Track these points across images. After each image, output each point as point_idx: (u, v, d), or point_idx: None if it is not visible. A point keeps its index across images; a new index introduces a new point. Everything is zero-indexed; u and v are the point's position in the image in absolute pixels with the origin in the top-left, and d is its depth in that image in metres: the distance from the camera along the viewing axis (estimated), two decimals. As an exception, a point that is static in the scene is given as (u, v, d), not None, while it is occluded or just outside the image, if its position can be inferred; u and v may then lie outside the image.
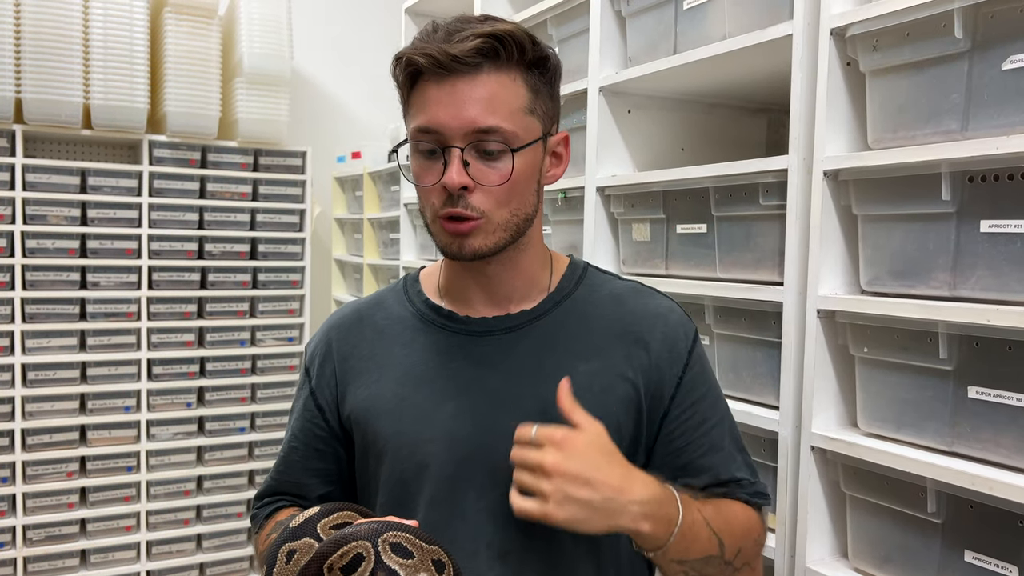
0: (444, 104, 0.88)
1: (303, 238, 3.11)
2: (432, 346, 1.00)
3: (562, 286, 1.02)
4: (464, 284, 1.01)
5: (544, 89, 0.94)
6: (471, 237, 0.91)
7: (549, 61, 0.95)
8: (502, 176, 0.90)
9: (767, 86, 1.63)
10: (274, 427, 3.08)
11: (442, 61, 0.87)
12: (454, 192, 0.89)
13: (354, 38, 3.52)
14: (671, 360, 0.98)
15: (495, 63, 0.89)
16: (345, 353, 1.04)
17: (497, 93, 0.89)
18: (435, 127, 0.89)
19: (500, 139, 0.89)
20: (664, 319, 1.00)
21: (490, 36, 0.88)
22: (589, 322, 1.00)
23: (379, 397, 0.98)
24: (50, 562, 2.72)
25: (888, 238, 1.20)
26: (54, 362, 2.70)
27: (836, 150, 1.25)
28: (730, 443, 1.00)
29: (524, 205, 0.94)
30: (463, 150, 0.89)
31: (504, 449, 0.91)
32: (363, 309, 1.08)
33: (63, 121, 2.65)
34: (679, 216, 1.59)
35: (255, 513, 1.07)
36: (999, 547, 1.05)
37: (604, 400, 0.94)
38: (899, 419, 1.19)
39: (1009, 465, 1.05)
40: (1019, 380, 1.03)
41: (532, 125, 0.93)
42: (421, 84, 0.91)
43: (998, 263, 1.05)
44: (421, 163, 0.92)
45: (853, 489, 1.25)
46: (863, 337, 1.23)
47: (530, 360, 0.97)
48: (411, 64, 0.90)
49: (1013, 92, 1.03)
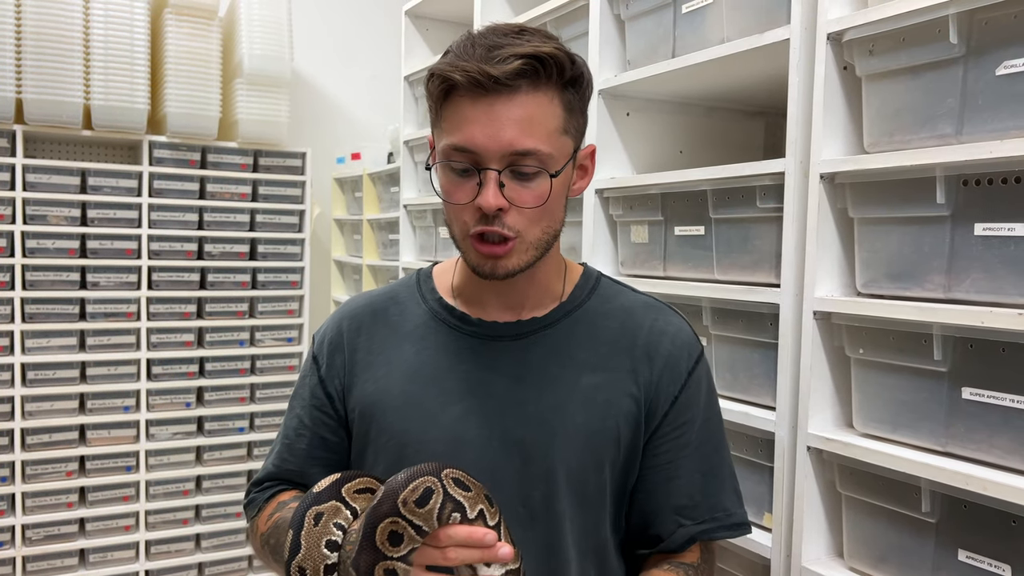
0: (481, 124, 0.87)
1: (302, 239, 3.12)
2: (443, 346, 1.00)
3: (575, 295, 1.03)
4: (479, 288, 1.01)
5: (578, 106, 0.94)
6: (505, 258, 0.91)
7: (583, 77, 0.93)
8: (538, 198, 0.89)
9: (765, 90, 1.65)
10: (273, 427, 3.08)
11: (481, 81, 0.85)
12: (490, 214, 0.88)
13: (354, 40, 3.53)
14: (671, 378, 0.98)
15: (533, 83, 0.87)
16: (355, 345, 1.04)
17: (534, 114, 0.87)
18: (471, 147, 0.87)
19: (536, 161, 0.88)
20: (672, 337, 1.00)
21: (531, 57, 0.86)
22: (598, 333, 1.00)
23: (387, 392, 0.99)
24: (49, 561, 2.73)
25: (884, 241, 1.21)
26: (54, 362, 2.71)
27: (833, 153, 1.26)
28: (718, 467, 1.00)
29: (554, 223, 0.95)
30: (500, 172, 0.88)
31: (505, 452, 0.92)
32: (376, 302, 1.08)
33: (63, 122, 2.66)
34: (677, 218, 1.60)
35: (253, 497, 1.06)
36: (992, 546, 1.06)
37: (607, 412, 0.95)
38: (894, 420, 1.20)
39: (1003, 465, 1.06)
40: (1012, 382, 1.05)
41: (566, 145, 0.92)
42: (455, 99, 0.88)
43: (992, 266, 1.06)
44: (452, 179, 0.91)
45: (849, 489, 1.26)
46: (859, 339, 1.24)
47: (537, 367, 0.97)
48: (447, 80, 0.88)
49: (1007, 97, 1.04)
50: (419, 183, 2.71)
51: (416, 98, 2.73)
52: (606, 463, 0.96)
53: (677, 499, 0.97)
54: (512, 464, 0.94)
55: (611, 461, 0.96)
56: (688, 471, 0.98)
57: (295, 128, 3.12)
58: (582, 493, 0.94)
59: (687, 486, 0.98)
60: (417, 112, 2.73)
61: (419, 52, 2.74)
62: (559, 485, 0.94)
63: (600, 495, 0.96)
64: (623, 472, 0.98)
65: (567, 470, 0.94)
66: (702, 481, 0.98)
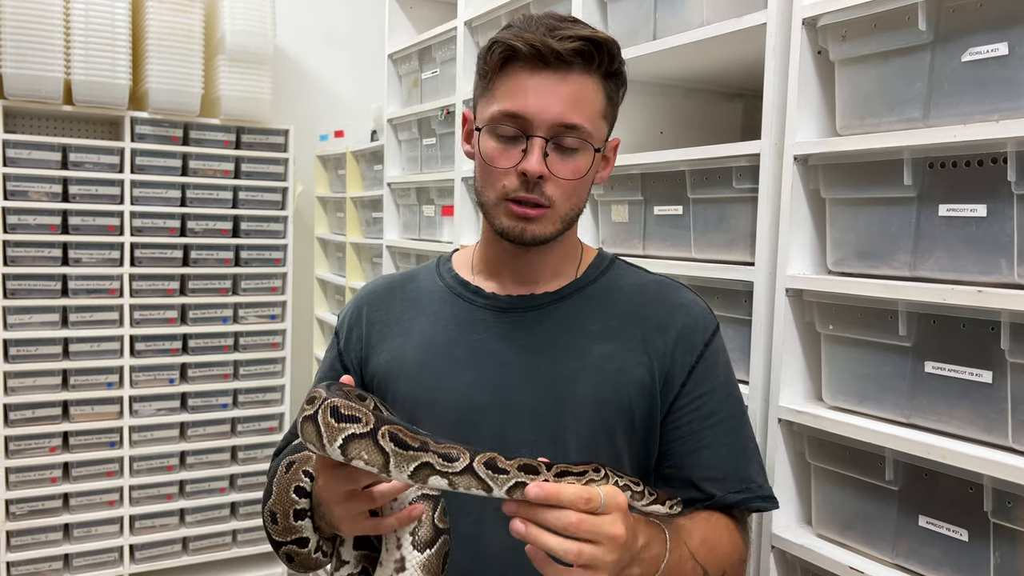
0: (534, 93, 0.93)
1: (285, 216, 3.13)
2: (456, 317, 1.05)
3: (588, 274, 1.08)
4: (497, 263, 1.06)
5: (616, 99, 1.01)
6: (535, 223, 0.97)
7: (624, 75, 1.01)
8: (576, 171, 0.96)
9: (743, 73, 1.68)
10: (256, 403, 3.11)
11: (543, 52, 0.92)
12: (532, 178, 0.94)
13: (337, 17, 3.51)
14: (686, 349, 1.01)
15: (585, 66, 0.95)
16: (373, 319, 1.09)
17: (582, 94, 0.95)
18: (523, 113, 0.94)
19: (579, 137, 0.95)
20: (687, 310, 1.04)
21: (590, 40, 0.94)
22: (609, 308, 1.04)
23: (401, 360, 1.04)
24: (33, 536, 2.75)
25: (854, 221, 1.25)
26: (36, 338, 2.72)
27: (806, 136, 1.30)
28: (742, 441, 1.02)
29: (581, 201, 1.01)
30: (548, 141, 0.94)
31: (515, 419, 0.96)
32: (395, 280, 1.15)
33: (44, 96, 2.65)
34: (656, 198, 1.64)
35: (275, 465, 1.10)
36: (951, 512, 1.11)
37: (617, 380, 0.98)
38: (861, 393, 1.25)
39: (961, 435, 1.11)
40: (972, 355, 1.10)
41: (603, 129, 0.99)
42: (512, 69, 0.95)
43: (955, 245, 1.11)
44: (497, 146, 0.96)
45: (817, 459, 1.31)
46: (829, 315, 1.29)
47: (549, 338, 1.01)
48: (510, 49, 0.94)
49: (971, 83, 1.08)
50: (403, 161, 2.72)
51: (400, 76, 2.73)
52: (617, 432, 0.98)
53: (704, 471, 0.99)
54: (522, 431, 0.96)
55: (624, 431, 0.99)
56: (713, 443, 1.00)
57: (278, 105, 3.12)
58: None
59: (714, 457, 0.99)
60: (401, 90, 2.74)
61: (403, 30, 2.74)
62: (569, 453, 0.96)
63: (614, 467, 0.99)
64: (642, 446, 1.00)
65: (577, 438, 0.97)
66: (728, 453, 1.00)
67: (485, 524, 0.97)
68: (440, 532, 0.90)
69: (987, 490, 1.04)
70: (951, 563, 1.11)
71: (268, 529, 0.99)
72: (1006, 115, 1.03)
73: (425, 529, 0.89)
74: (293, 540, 0.97)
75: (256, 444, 3.11)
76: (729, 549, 0.97)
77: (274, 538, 0.99)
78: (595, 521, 0.72)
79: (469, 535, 0.97)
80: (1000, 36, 1.05)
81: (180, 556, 3.02)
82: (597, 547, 0.72)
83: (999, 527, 1.05)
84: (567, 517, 0.71)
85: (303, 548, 0.98)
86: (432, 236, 2.53)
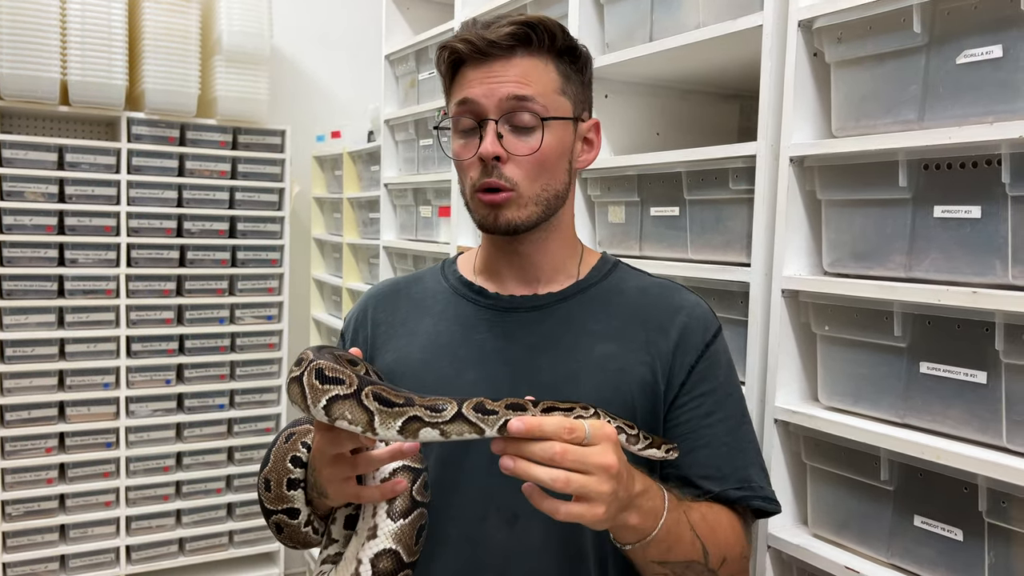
0: (480, 80, 0.97)
1: (282, 217, 3.12)
2: (460, 317, 1.06)
3: (591, 275, 1.09)
4: (497, 263, 1.08)
5: (575, 76, 1.02)
6: (505, 208, 0.98)
7: (579, 51, 1.03)
8: (532, 148, 0.97)
9: (739, 74, 1.68)
10: (253, 404, 3.11)
11: (480, 46, 0.96)
12: (488, 161, 0.96)
13: (334, 17, 3.51)
14: (687, 349, 1.02)
15: (528, 48, 0.97)
16: (379, 320, 1.11)
17: (530, 73, 0.97)
18: (471, 98, 0.97)
19: (530, 111, 0.96)
20: (689, 311, 1.05)
21: (523, 24, 0.96)
22: (612, 309, 1.05)
23: (406, 360, 1.05)
24: (29, 537, 2.74)
25: (849, 222, 1.26)
26: (32, 338, 2.71)
27: (802, 137, 1.31)
28: (742, 442, 1.02)
29: (554, 182, 1.01)
30: (497, 122, 0.96)
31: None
32: (400, 282, 1.17)
33: (40, 97, 2.64)
34: (653, 199, 1.65)
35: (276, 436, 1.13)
36: (946, 512, 1.12)
37: (619, 379, 0.99)
38: (856, 393, 1.26)
39: (956, 435, 1.12)
40: (966, 356, 1.10)
41: (563, 104, 1.00)
42: (462, 71, 0.99)
43: (949, 246, 1.12)
44: (460, 141, 1.00)
45: (813, 460, 1.32)
46: (824, 316, 1.29)
47: (551, 338, 1.02)
48: (453, 52, 0.98)
49: (966, 85, 1.09)
50: (400, 162, 2.72)
51: (397, 77, 2.74)
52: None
53: (702, 469, 0.99)
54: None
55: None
56: (712, 442, 1.00)
57: (275, 106, 3.12)
58: None
59: (713, 456, 0.99)
60: (397, 91, 2.74)
61: (400, 30, 2.74)
62: None
63: None
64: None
65: None
66: (727, 453, 1.00)
67: (487, 523, 0.98)
68: (417, 504, 0.91)
69: (982, 490, 1.05)
70: (946, 563, 1.11)
71: (261, 496, 1.00)
72: (1000, 117, 1.04)
73: (401, 500, 0.90)
74: (284, 510, 0.99)
75: (253, 445, 3.11)
76: (731, 537, 0.96)
77: (266, 506, 1.01)
78: (581, 451, 0.73)
79: (470, 538, 0.98)
80: (994, 38, 1.05)
81: (177, 557, 3.01)
82: (588, 477, 0.73)
83: (994, 527, 1.05)
84: (551, 448, 0.72)
85: (293, 519, 0.99)
86: (429, 237, 2.53)
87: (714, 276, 1.46)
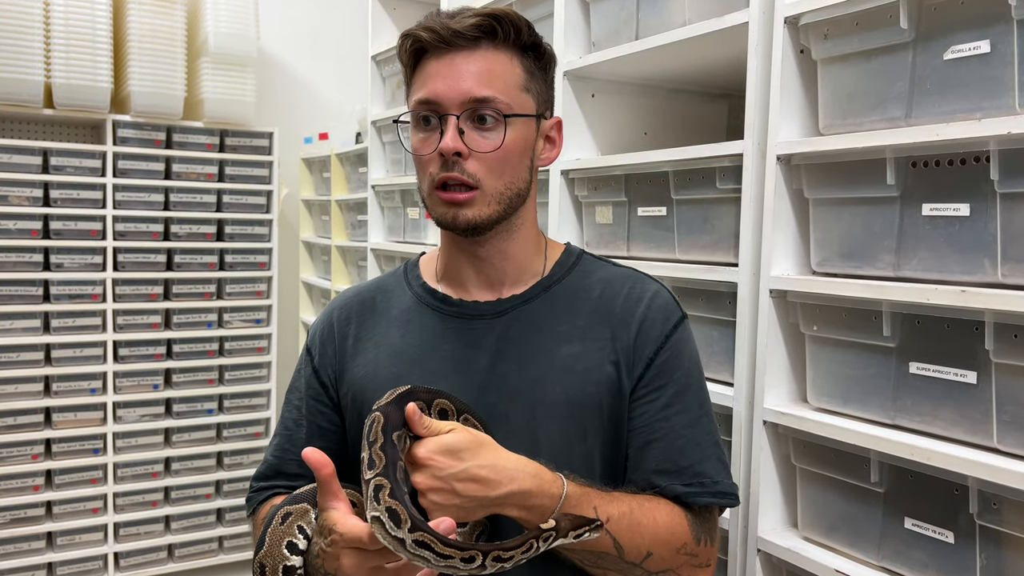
0: (443, 76, 0.94)
1: (270, 220, 3.10)
2: (427, 328, 1.04)
3: (554, 272, 1.06)
4: (460, 269, 1.05)
5: (538, 73, 1.00)
6: (466, 207, 0.96)
7: (543, 47, 1.01)
8: (494, 144, 0.95)
9: (726, 72, 1.67)
10: (242, 408, 3.08)
11: (443, 36, 0.94)
12: (448, 156, 0.94)
13: (321, 19, 3.49)
14: (646, 341, 1.00)
15: (492, 41, 0.95)
16: (345, 333, 1.08)
17: (493, 67, 0.95)
18: (433, 98, 0.95)
19: (492, 108, 0.94)
20: (648, 302, 1.02)
21: (489, 16, 0.94)
22: (578, 305, 1.03)
23: (375, 375, 1.02)
24: (16, 544, 2.71)
25: (837, 221, 1.24)
26: (17, 344, 2.68)
27: (789, 135, 1.29)
28: (699, 435, 0.99)
29: (517, 180, 0.99)
30: (459, 118, 0.94)
31: (492, 428, 0.94)
32: (364, 292, 1.13)
33: (24, 100, 2.61)
34: (640, 199, 1.63)
35: (251, 496, 1.10)
36: (936, 514, 1.10)
37: (585, 380, 0.97)
38: (846, 394, 1.24)
39: (946, 436, 1.10)
40: (956, 356, 1.09)
41: (526, 101, 0.98)
42: (424, 61, 0.97)
43: (938, 245, 1.10)
44: (419, 135, 0.98)
45: (803, 461, 1.30)
46: (813, 316, 1.28)
47: (517, 341, 1.00)
48: (416, 40, 0.96)
49: (953, 82, 1.07)
50: (387, 164, 2.70)
51: (384, 78, 2.72)
52: (588, 431, 0.97)
53: (656, 463, 0.97)
54: (497, 438, 0.94)
55: (594, 430, 0.97)
56: (667, 436, 0.97)
57: (262, 108, 3.10)
58: (568, 463, 0.94)
59: (666, 450, 0.97)
60: (385, 92, 2.72)
61: (387, 31, 2.72)
62: (541, 455, 0.94)
63: (587, 465, 0.97)
64: (612, 444, 0.99)
65: (549, 440, 0.96)
66: (683, 446, 0.97)
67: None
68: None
69: (972, 492, 1.04)
70: (937, 565, 1.10)
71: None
72: (988, 113, 1.03)
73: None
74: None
75: (242, 449, 3.08)
76: (662, 533, 0.93)
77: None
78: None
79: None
80: (982, 34, 1.04)
81: (166, 563, 2.98)
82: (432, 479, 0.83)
83: (984, 529, 1.04)
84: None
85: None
86: (417, 239, 2.51)
87: (702, 276, 1.45)
